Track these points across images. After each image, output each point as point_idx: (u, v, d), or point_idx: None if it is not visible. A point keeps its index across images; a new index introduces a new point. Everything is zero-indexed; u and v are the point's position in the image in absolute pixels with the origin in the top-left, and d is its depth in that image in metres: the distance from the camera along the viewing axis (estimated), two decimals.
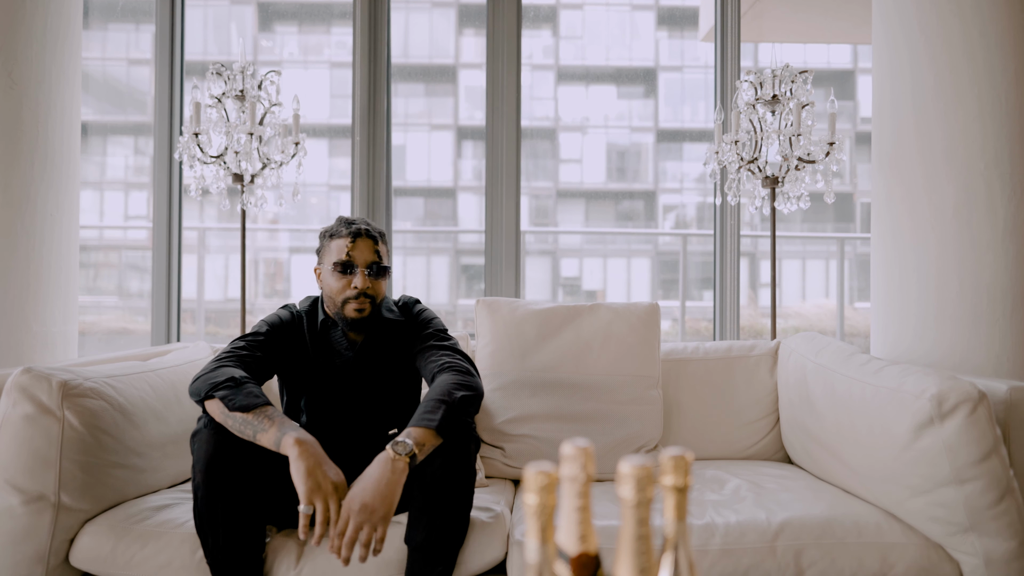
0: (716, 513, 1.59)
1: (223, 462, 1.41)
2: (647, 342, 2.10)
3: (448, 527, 1.44)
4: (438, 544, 1.44)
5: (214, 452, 1.41)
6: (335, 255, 1.68)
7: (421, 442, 1.38)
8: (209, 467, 1.41)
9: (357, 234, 1.67)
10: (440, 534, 1.43)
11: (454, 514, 1.44)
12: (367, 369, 1.71)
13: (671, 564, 0.62)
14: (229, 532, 1.41)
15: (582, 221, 7.24)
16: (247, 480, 1.43)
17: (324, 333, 1.72)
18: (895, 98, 2.24)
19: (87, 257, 5.09)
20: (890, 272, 2.26)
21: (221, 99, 2.52)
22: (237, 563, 1.43)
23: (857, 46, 7.00)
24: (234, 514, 1.41)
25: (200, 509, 1.42)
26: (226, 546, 1.42)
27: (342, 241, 1.67)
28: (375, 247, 1.68)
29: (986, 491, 1.43)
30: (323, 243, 1.73)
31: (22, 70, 2.20)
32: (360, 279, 1.65)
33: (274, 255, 6.25)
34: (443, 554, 1.45)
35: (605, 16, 7.06)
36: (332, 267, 1.67)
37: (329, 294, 1.69)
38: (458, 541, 1.47)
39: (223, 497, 1.41)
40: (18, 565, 1.48)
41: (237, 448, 1.42)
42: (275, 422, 1.39)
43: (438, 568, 1.45)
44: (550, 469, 0.58)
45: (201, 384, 1.47)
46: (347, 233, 1.67)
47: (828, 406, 1.79)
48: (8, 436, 1.49)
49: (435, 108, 6.93)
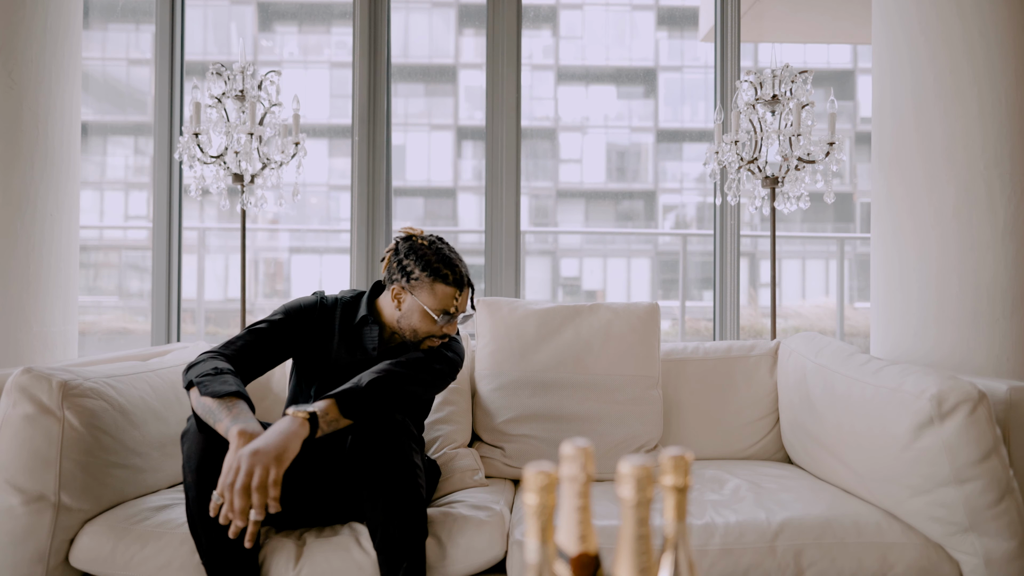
0: (716, 513, 1.59)
1: (214, 460, 1.40)
2: (647, 342, 2.10)
3: (402, 524, 1.43)
4: (396, 542, 1.43)
5: (204, 450, 1.41)
6: (438, 301, 1.62)
7: (325, 411, 1.40)
8: (200, 466, 1.40)
9: (463, 284, 1.64)
10: (395, 532, 1.43)
11: (405, 510, 1.43)
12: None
13: (671, 564, 0.62)
14: (222, 531, 1.40)
15: (582, 221, 7.24)
16: None
17: (358, 328, 1.70)
18: (895, 98, 2.24)
19: (87, 257, 5.09)
20: (890, 272, 2.26)
21: (221, 99, 2.52)
22: (231, 563, 1.43)
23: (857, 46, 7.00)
24: None
25: (192, 508, 1.41)
26: (219, 545, 1.41)
27: (449, 289, 1.62)
28: (471, 295, 1.69)
29: (986, 491, 1.43)
30: (420, 276, 1.62)
31: (22, 70, 2.20)
32: (453, 326, 1.66)
33: (274, 255, 6.25)
34: (404, 550, 1.44)
35: (605, 16, 7.06)
36: (430, 309, 1.62)
37: (412, 326, 1.65)
38: (419, 535, 1.45)
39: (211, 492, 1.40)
40: (18, 565, 1.48)
41: (227, 447, 1.42)
42: (232, 412, 1.38)
43: (403, 564, 1.44)
44: (550, 469, 0.58)
45: (189, 373, 1.48)
46: (453, 281, 1.62)
47: (828, 406, 1.79)
48: (8, 436, 1.49)
49: (435, 108, 6.93)
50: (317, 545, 1.52)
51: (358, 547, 1.51)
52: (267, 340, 1.62)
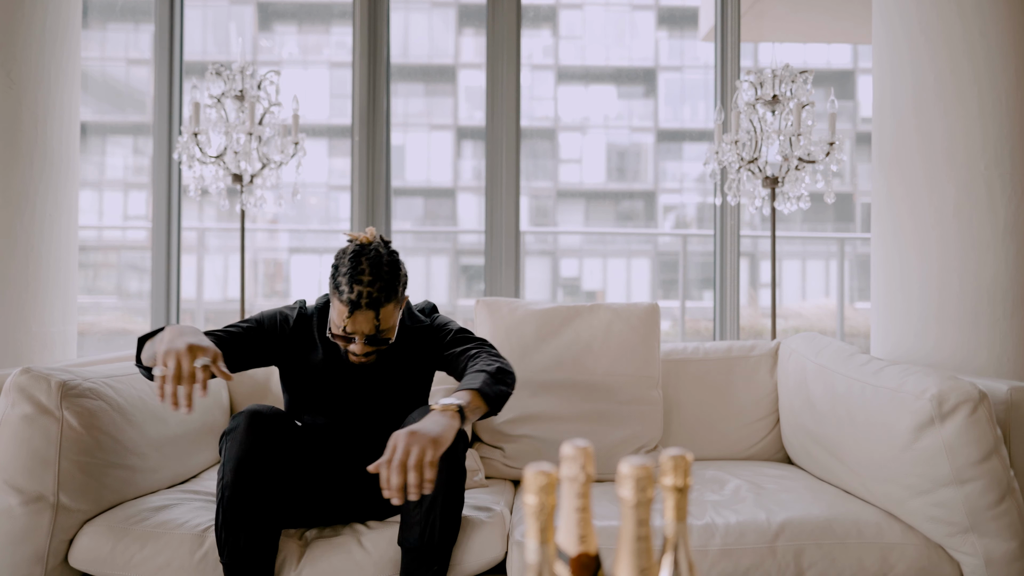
0: (716, 513, 1.59)
1: (255, 463, 1.41)
2: (647, 342, 2.09)
3: (443, 527, 1.43)
4: (433, 544, 1.43)
5: (247, 452, 1.41)
6: (336, 315, 1.50)
7: (468, 402, 1.39)
8: (240, 466, 1.41)
9: (355, 306, 1.46)
10: (434, 534, 1.43)
11: (448, 514, 1.44)
12: (374, 374, 1.67)
13: (671, 564, 0.62)
14: (251, 534, 1.41)
15: (582, 221, 7.24)
16: (274, 483, 1.44)
17: None
18: (895, 98, 2.23)
19: (86, 257, 5.09)
20: (890, 272, 2.25)
21: (220, 99, 2.52)
22: (253, 565, 1.43)
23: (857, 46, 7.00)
24: (258, 516, 1.42)
25: (225, 507, 1.41)
26: (246, 548, 1.41)
27: (341, 307, 1.48)
28: (375, 319, 1.48)
29: (986, 491, 1.43)
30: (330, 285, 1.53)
31: (21, 70, 2.20)
32: (358, 346, 1.52)
33: (273, 255, 6.25)
34: (438, 554, 1.44)
35: (605, 16, 7.06)
36: (331, 322, 1.54)
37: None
38: (452, 540, 1.46)
39: (250, 498, 1.41)
40: (17, 566, 1.48)
41: (269, 450, 1.43)
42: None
43: (433, 568, 1.44)
44: (550, 469, 0.58)
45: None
46: (346, 299, 1.46)
47: (828, 406, 1.79)
48: (7, 436, 1.49)
49: (435, 108, 6.93)
50: (318, 545, 1.52)
51: (359, 547, 1.51)
52: (239, 341, 1.59)
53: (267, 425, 1.45)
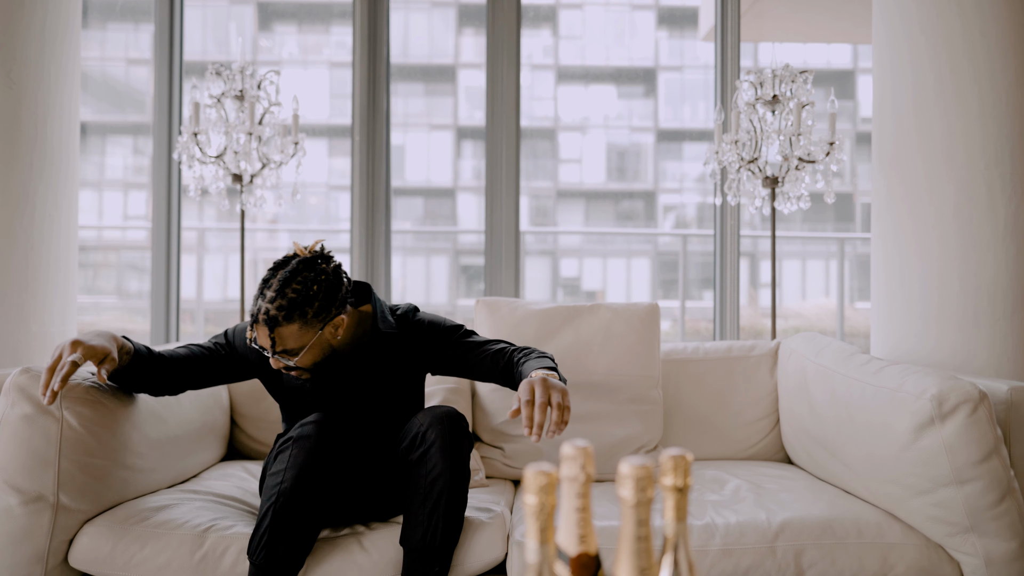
0: (716, 513, 1.59)
1: (316, 474, 1.43)
2: (647, 342, 2.09)
3: (445, 528, 1.43)
4: (435, 545, 1.43)
5: (312, 463, 1.42)
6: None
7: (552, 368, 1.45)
8: (302, 474, 1.41)
9: (255, 320, 1.45)
10: (437, 535, 1.43)
11: (451, 514, 1.44)
12: (359, 378, 1.65)
13: (671, 564, 0.62)
14: (291, 545, 1.41)
15: (582, 221, 7.24)
16: (325, 496, 1.46)
17: None
18: (895, 98, 2.23)
19: (86, 257, 5.09)
20: (890, 272, 2.25)
21: (220, 99, 2.52)
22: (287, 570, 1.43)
23: (857, 46, 6.99)
24: (305, 528, 1.42)
25: (277, 510, 1.40)
26: (284, 555, 1.41)
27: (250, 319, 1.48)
28: (269, 336, 1.45)
29: (986, 491, 1.43)
30: None
31: (21, 70, 2.20)
32: (272, 360, 1.50)
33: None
34: (440, 554, 1.44)
35: (605, 16, 7.05)
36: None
37: None
38: (454, 541, 1.46)
39: (304, 508, 1.41)
40: (17, 566, 1.48)
41: (330, 464, 1.45)
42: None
43: (435, 569, 1.44)
44: (550, 469, 0.58)
45: None
46: (250, 313, 1.47)
47: (828, 406, 1.79)
48: (6, 436, 1.49)
49: (434, 108, 6.93)
50: (319, 546, 1.52)
51: (360, 548, 1.51)
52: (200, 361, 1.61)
53: (333, 439, 1.47)
